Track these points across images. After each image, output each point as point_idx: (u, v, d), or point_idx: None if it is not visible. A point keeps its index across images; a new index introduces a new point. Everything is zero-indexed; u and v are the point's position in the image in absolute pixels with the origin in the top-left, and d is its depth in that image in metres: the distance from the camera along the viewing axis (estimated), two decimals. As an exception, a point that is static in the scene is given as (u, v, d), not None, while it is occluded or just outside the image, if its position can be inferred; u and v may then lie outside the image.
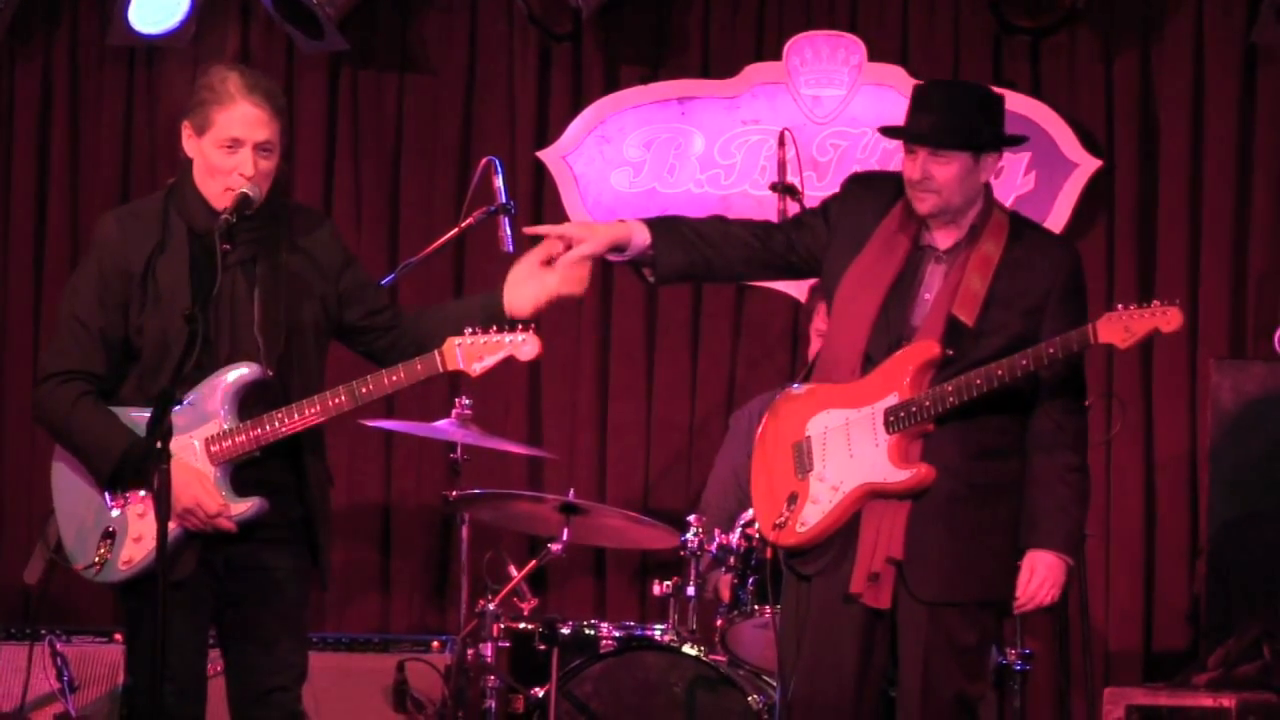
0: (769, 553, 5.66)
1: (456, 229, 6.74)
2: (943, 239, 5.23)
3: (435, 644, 7.11)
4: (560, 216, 7.98)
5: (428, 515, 8.03)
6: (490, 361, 5.06)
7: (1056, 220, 7.58)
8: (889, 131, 5.36)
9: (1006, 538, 5.19)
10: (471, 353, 5.04)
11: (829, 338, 5.31)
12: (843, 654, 5.18)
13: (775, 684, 6.32)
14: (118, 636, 7.09)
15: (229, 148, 4.98)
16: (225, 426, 4.99)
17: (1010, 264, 5.17)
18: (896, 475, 5.13)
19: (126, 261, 4.97)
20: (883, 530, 5.13)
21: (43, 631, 7.02)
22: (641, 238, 5.28)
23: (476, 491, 6.89)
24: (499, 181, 6.69)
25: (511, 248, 6.76)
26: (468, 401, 6.88)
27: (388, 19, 8.17)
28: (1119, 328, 5.01)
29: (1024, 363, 5.03)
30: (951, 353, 5.11)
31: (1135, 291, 7.41)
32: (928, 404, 5.10)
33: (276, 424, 4.99)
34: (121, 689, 7.04)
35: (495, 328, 5.06)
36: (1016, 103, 7.70)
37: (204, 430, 4.98)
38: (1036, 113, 7.71)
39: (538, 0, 7.97)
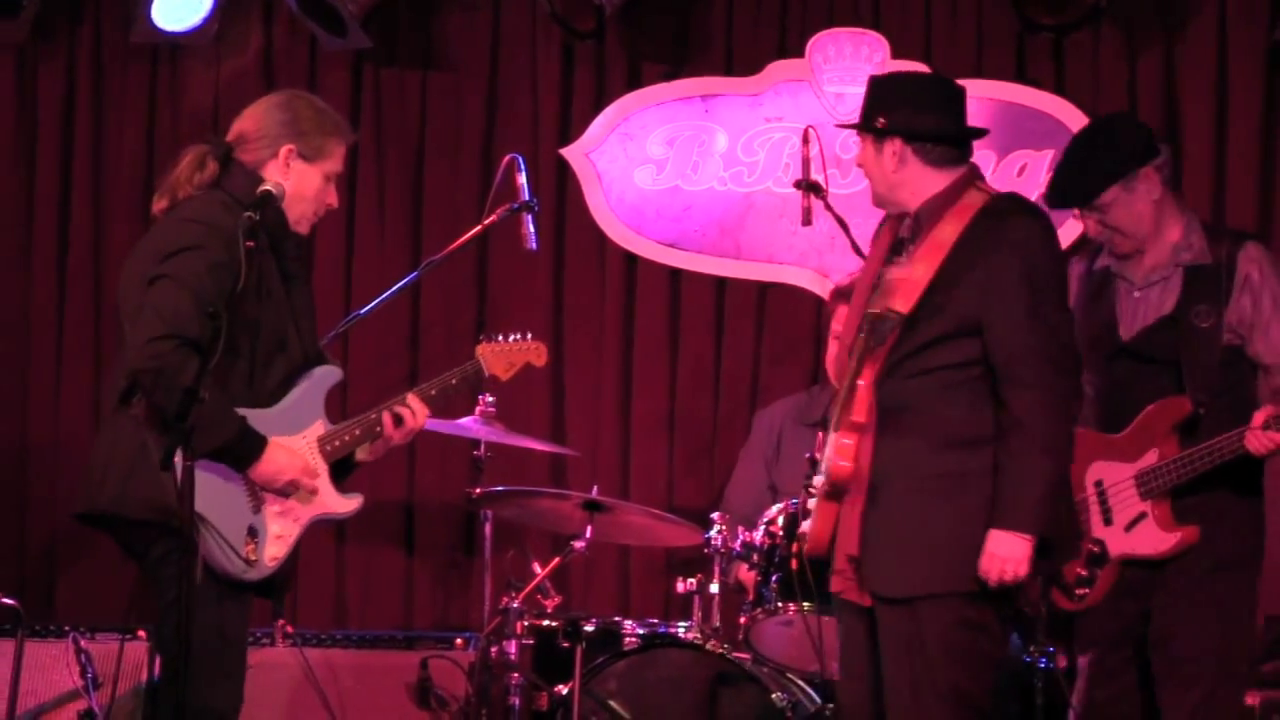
0: (794, 555, 5.70)
1: (479, 226, 6.74)
2: (905, 229, 5.26)
3: (459, 641, 7.10)
4: (584, 213, 7.99)
5: (451, 512, 8.03)
6: (518, 368, 5.49)
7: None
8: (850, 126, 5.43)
9: (981, 526, 5.09)
10: (501, 356, 5.45)
11: (844, 344, 5.31)
12: (857, 659, 5.22)
13: (798, 681, 6.36)
14: (141, 633, 7.10)
15: (330, 179, 5.15)
16: (329, 426, 5.15)
17: (966, 243, 5.10)
18: (840, 465, 5.15)
19: (235, 252, 4.90)
20: (842, 529, 5.17)
21: (66, 628, 7.02)
22: None
23: (500, 489, 6.89)
24: (522, 179, 6.69)
25: (535, 245, 6.77)
26: (491, 399, 6.90)
27: (410, 16, 8.17)
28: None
29: None
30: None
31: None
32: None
33: (384, 419, 5.21)
34: (145, 686, 7.09)
35: (515, 336, 5.45)
36: (1039, 100, 7.71)
37: (314, 430, 5.13)
38: (1059, 110, 7.70)
39: (560, -3, 7.98)
